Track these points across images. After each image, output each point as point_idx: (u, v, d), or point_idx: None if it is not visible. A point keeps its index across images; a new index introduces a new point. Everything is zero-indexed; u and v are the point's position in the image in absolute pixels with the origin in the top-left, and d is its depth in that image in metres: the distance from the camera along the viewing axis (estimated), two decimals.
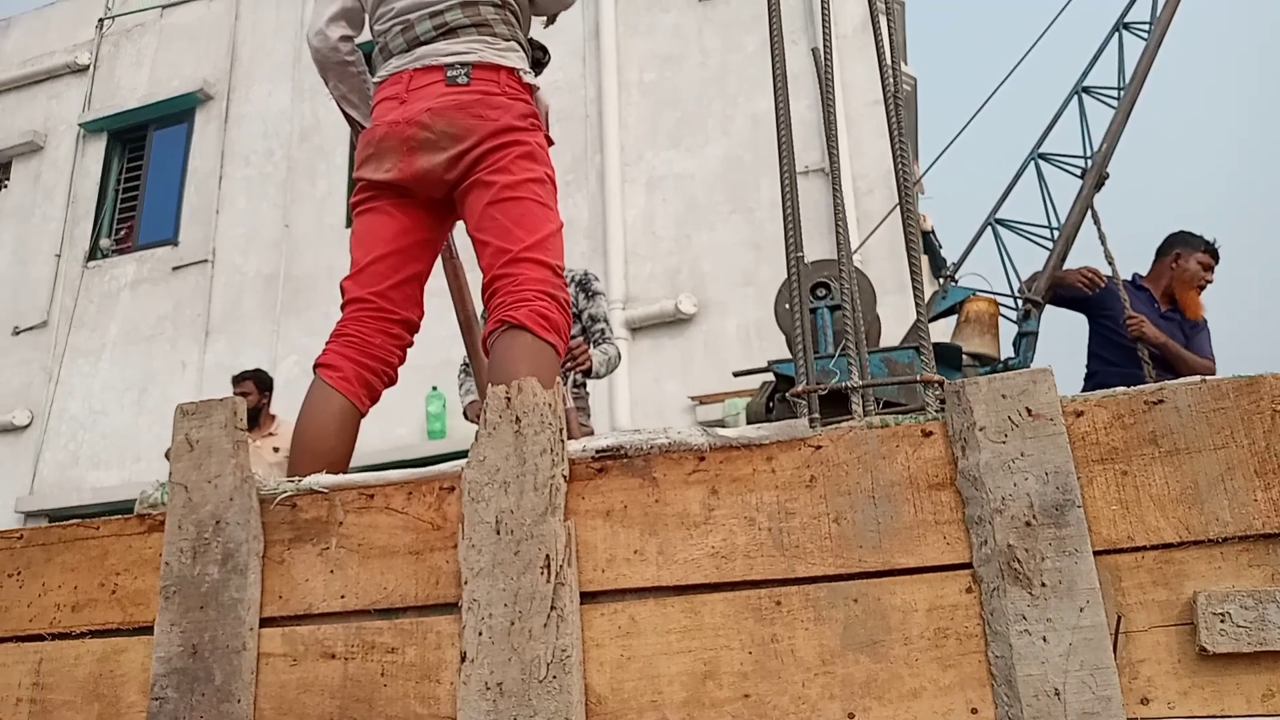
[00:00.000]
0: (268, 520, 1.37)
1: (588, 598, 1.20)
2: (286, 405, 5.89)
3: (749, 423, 3.61)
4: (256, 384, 5.41)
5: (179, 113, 9.07)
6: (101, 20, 9.81)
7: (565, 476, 1.24)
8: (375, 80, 2.07)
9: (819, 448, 1.16)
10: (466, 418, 3.93)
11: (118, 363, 8.42)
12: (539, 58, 2.08)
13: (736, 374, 4.73)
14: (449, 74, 1.90)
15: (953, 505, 1.13)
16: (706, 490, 1.19)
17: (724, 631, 1.13)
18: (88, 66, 9.67)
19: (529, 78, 1.98)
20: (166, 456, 4.73)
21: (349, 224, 8.13)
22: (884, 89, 2.18)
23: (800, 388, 1.54)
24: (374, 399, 1.90)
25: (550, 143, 2.03)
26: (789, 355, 4.05)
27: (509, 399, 1.29)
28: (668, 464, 1.22)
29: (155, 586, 1.41)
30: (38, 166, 9.61)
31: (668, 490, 1.21)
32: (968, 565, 1.10)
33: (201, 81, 8.89)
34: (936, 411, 1.22)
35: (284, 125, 8.51)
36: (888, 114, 2.21)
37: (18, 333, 8.96)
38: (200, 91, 8.86)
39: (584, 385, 3.72)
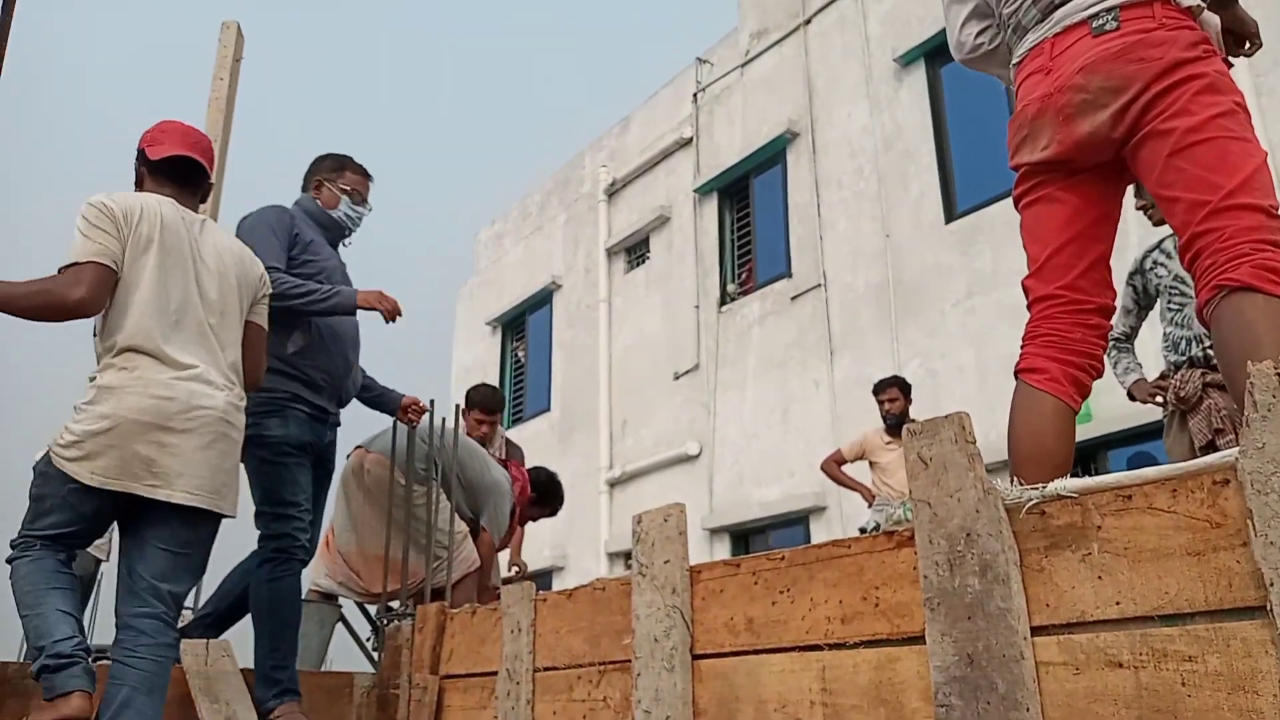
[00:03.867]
0: (1017, 529, 1.38)
1: None
2: (917, 409, 6.01)
3: None
4: (901, 390, 5.59)
5: (772, 156, 9.90)
6: (695, 94, 11.15)
7: None
8: (1014, 62, 2.00)
9: None
10: (1132, 398, 3.62)
11: (759, 390, 9.38)
12: None
13: None
14: (1095, 24, 1.76)
15: None
16: None
17: None
18: (691, 138, 11.04)
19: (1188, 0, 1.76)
20: (822, 469, 5.06)
21: (948, 220, 8.08)
22: None
23: None
24: (1084, 395, 1.82)
25: (1229, 65, 1.78)
26: None
27: None
28: None
29: (915, 599, 1.50)
30: (668, 235, 11.18)
31: None
32: None
33: (787, 122, 9.61)
34: None
35: (867, 141, 8.81)
36: None
37: (677, 377, 10.46)
38: (787, 132, 9.58)
39: None
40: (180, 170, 2.66)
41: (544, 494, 4.68)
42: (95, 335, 2.51)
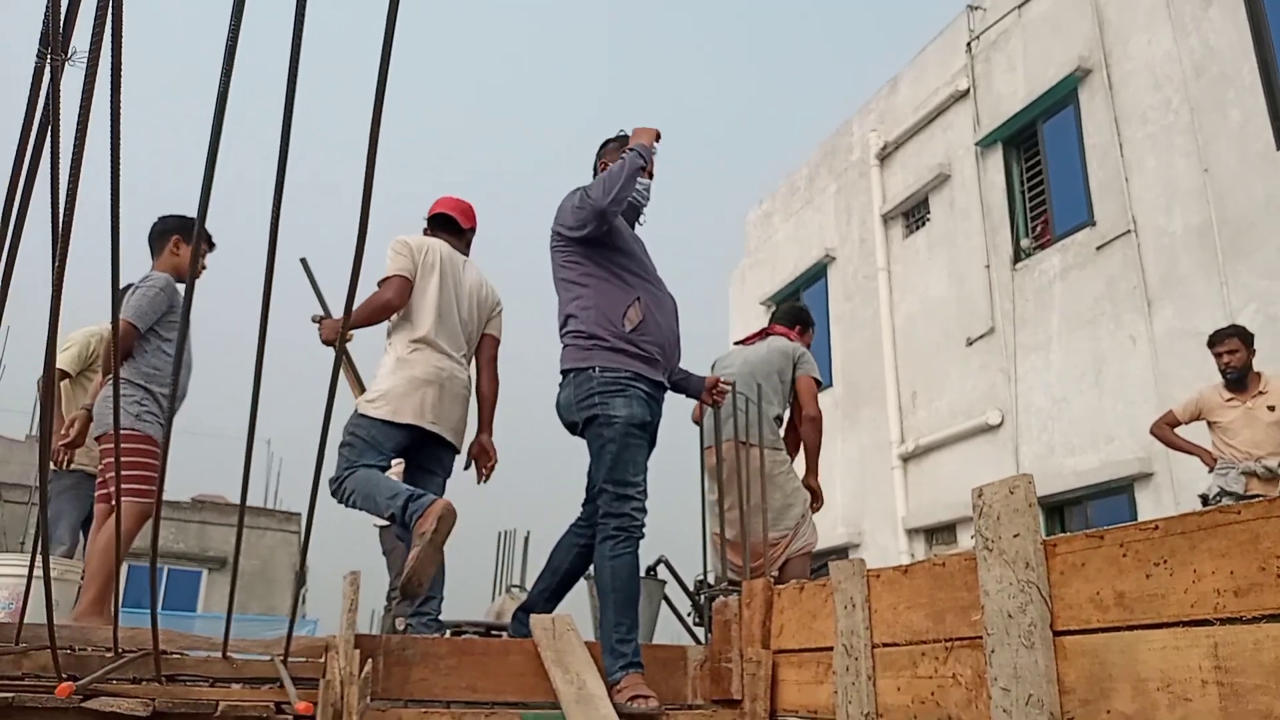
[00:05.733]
0: None
1: None
2: (1260, 359, 5.36)
3: None
4: (1242, 340, 5.02)
5: (1062, 98, 9.16)
6: (968, 43, 10.55)
7: None
8: None
9: None
10: None
11: (1066, 351, 8.75)
12: None
13: None
14: None
15: None
16: None
17: None
18: (968, 90, 10.46)
19: None
20: (1153, 433, 4.65)
21: None
22: None
23: None
24: None
25: None
26: None
27: None
28: None
29: None
30: (949, 194, 10.67)
31: None
32: None
33: (1076, 60, 8.86)
34: None
35: (1173, 69, 7.95)
36: None
37: (970, 343, 9.97)
38: (1077, 70, 8.83)
39: None
40: (446, 222, 3.99)
41: (806, 325, 5.32)
42: (390, 323, 3.71)
